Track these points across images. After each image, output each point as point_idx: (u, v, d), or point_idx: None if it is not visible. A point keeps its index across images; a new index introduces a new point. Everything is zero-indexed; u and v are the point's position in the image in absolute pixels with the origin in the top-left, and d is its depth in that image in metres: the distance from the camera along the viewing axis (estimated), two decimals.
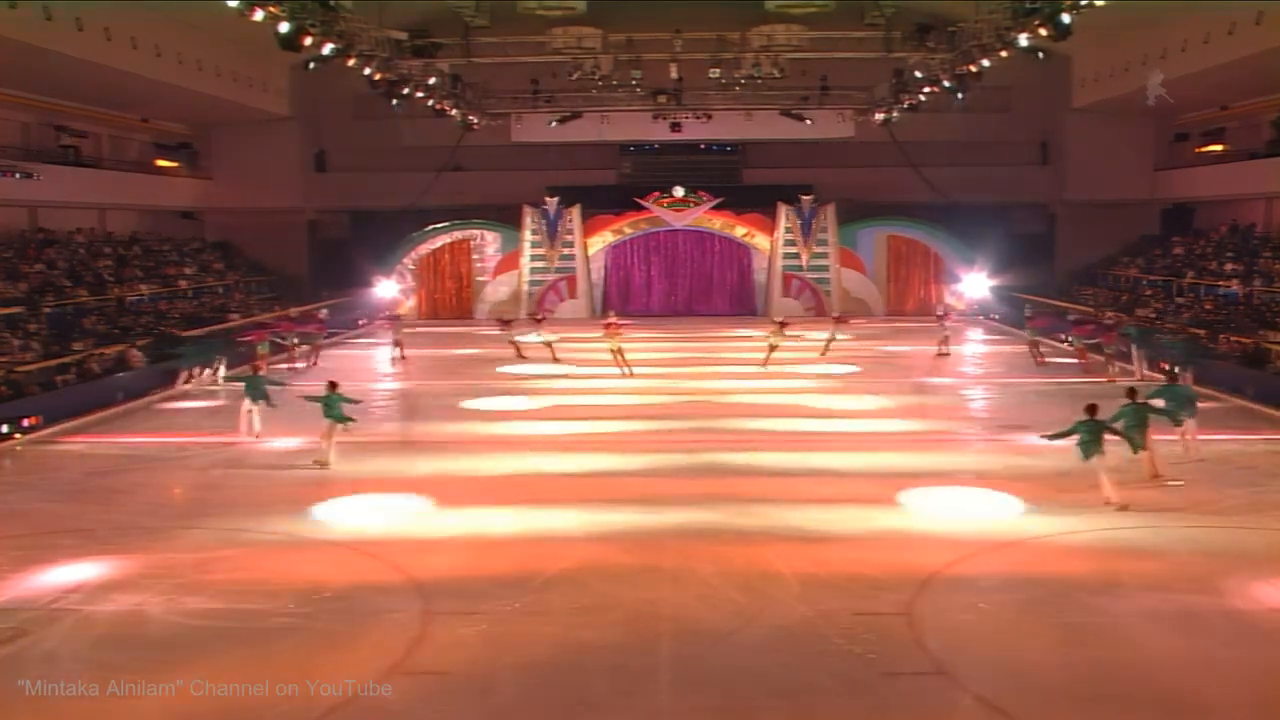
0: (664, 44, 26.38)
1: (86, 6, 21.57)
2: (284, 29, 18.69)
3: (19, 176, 24.85)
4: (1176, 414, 13.70)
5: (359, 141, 35.71)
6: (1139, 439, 12.55)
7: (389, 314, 29.27)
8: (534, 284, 35.14)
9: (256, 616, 8.86)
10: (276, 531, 11.27)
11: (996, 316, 31.61)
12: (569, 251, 35.07)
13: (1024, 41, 20.53)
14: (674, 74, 27.73)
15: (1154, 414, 13.06)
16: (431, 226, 35.44)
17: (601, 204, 35.59)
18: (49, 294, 23.89)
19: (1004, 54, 22.15)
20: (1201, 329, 23.50)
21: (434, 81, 26.83)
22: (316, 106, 34.80)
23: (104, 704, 7.35)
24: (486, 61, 28.02)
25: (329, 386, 14.77)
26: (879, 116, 30.81)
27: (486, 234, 35.75)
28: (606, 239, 35.66)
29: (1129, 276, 32.40)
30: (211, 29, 25.89)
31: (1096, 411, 12.14)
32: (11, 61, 22.06)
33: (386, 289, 34.03)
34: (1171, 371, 18.72)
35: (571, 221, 35.00)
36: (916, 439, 16.08)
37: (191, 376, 21.07)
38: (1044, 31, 19.49)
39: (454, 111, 29.79)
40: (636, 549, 10.58)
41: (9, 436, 16.04)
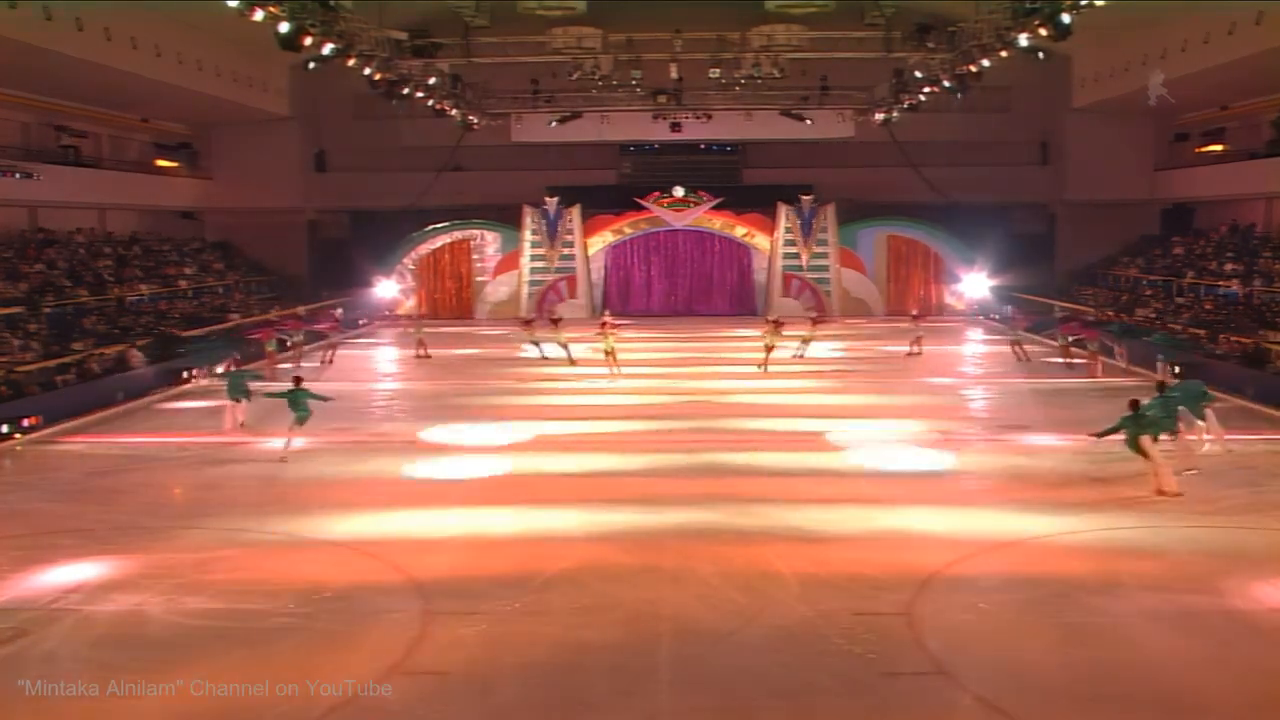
0: (664, 44, 26.39)
1: (86, 6, 21.56)
2: (284, 29, 18.72)
3: (19, 176, 24.84)
4: (1198, 407, 13.83)
5: (359, 141, 35.72)
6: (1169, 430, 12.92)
7: (413, 314, 29.32)
8: (534, 284, 35.15)
9: (256, 616, 8.86)
10: (276, 531, 11.26)
11: (997, 317, 31.62)
12: (569, 251, 35.07)
13: (1024, 41, 20.55)
14: (674, 74, 27.73)
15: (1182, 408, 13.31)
16: (431, 226, 35.47)
17: (601, 204, 35.60)
18: (49, 294, 23.89)
19: (1004, 54, 22.17)
20: (1201, 329, 23.49)
21: (434, 81, 26.83)
22: (316, 106, 34.80)
23: (104, 704, 7.35)
24: (486, 61, 28.02)
25: (294, 383, 14.81)
26: (879, 116, 30.81)
27: (486, 234, 35.76)
28: (606, 239, 35.67)
29: (1129, 276, 32.39)
30: (211, 29, 25.89)
31: (1139, 406, 12.22)
32: (11, 61, 22.05)
33: (386, 289, 34.06)
34: (1174, 371, 18.80)
35: (571, 221, 35.02)
36: (917, 439, 16.06)
37: (209, 372, 21.38)
38: (1044, 31, 19.50)
39: (454, 111, 29.79)
40: (636, 549, 10.57)
41: (9, 436, 16.04)
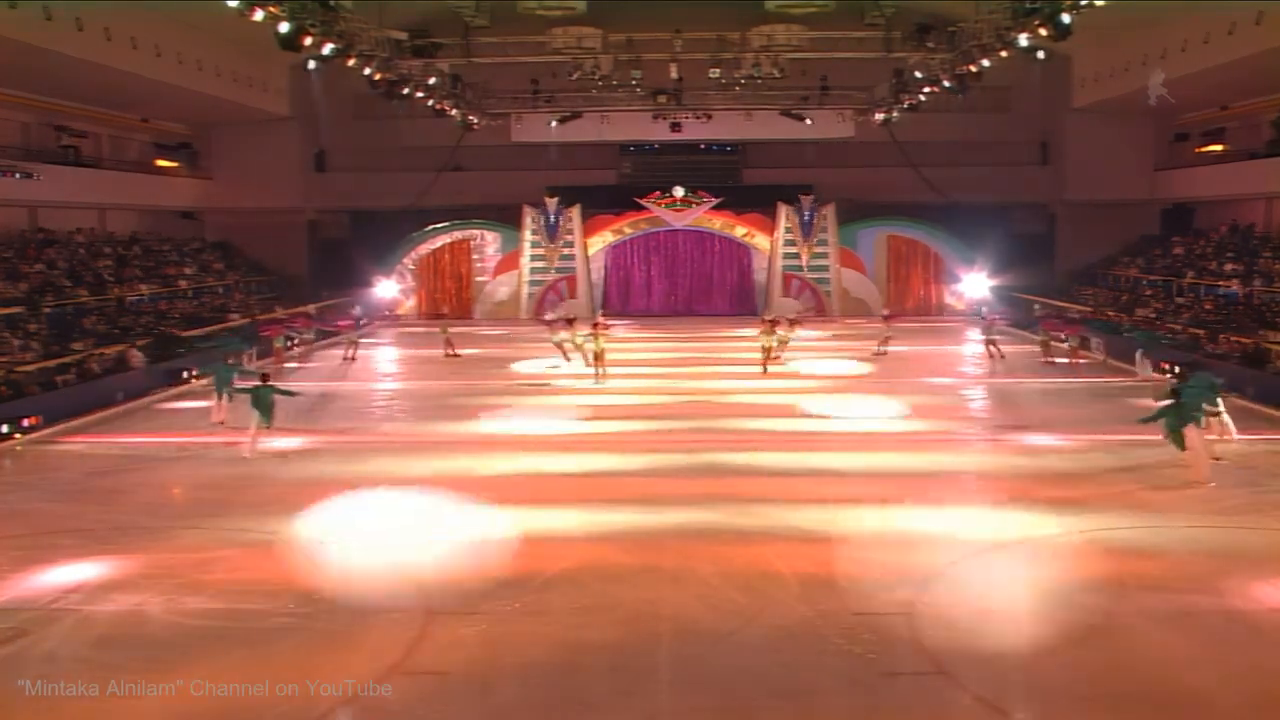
0: (664, 44, 26.39)
1: (86, 6, 21.56)
2: (284, 29, 18.72)
3: (19, 176, 24.83)
4: (1213, 400, 13.93)
5: (359, 141, 35.71)
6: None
7: (438, 313, 29.35)
8: (534, 284, 35.16)
9: (256, 616, 8.86)
10: (276, 531, 11.26)
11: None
12: (569, 251, 35.06)
13: (1024, 41, 20.56)
14: (674, 74, 27.73)
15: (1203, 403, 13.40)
16: (431, 226, 35.46)
17: (601, 204, 35.59)
18: (49, 294, 23.88)
19: (1004, 54, 22.17)
20: (1201, 329, 23.50)
21: (434, 81, 26.83)
22: (316, 106, 34.69)
23: (104, 704, 7.34)
24: (486, 61, 28.02)
25: (261, 379, 14.85)
26: (879, 116, 30.81)
27: (486, 234, 35.76)
28: (606, 239, 35.66)
29: (1129, 276, 32.37)
30: (211, 29, 25.88)
31: (1180, 396, 12.25)
32: (11, 61, 22.05)
33: (386, 289, 34.05)
34: (1175, 370, 18.88)
35: (571, 221, 35.01)
36: (916, 439, 16.08)
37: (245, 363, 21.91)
38: (1044, 31, 19.50)
39: (454, 111, 29.79)
40: (636, 549, 10.57)
41: (9, 436, 16.04)
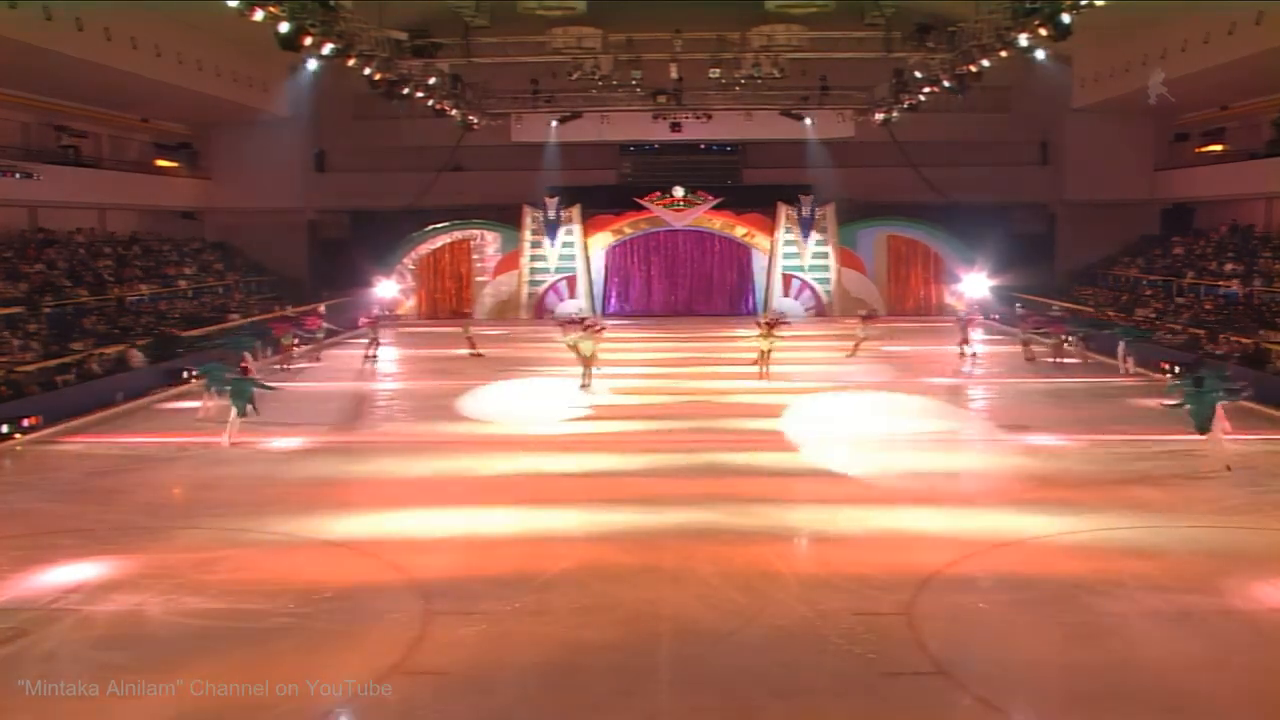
0: (664, 44, 26.38)
1: (86, 6, 21.54)
2: (284, 29, 18.70)
3: (19, 176, 24.81)
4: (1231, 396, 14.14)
5: (359, 141, 35.71)
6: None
7: (459, 313, 30.05)
8: (534, 284, 35.17)
9: (256, 616, 8.85)
10: (276, 531, 11.26)
11: (997, 317, 31.62)
12: (569, 251, 35.07)
13: (1024, 41, 20.54)
14: (674, 74, 27.72)
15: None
16: (431, 226, 35.44)
17: (601, 204, 35.58)
18: (49, 294, 23.86)
19: (1004, 54, 22.15)
20: (1201, 329, 23.50)
21: (434, 81, 26.81)
22: (316, 106, 34.75)
23: (104, 704, 7.35)
24: (486, 61, 28.00)
25: (241, 372, 14.88)
26: (879, 116, 30.79)
27: (486, 234, 35.74)
28: (606, 239, 35.64)
29: (1129, 276, 32.36)
30: (211, 29, 25.85)
31: (1204, 384, 12.32)
32: (11, 61, 22.03)
33: (386, 289, 34.04)
34: (1175, 370, 18.96)
35: (571, 221, 35.01)
36: (917, 439, 16.07)
37: (255, 357, 22.46)
38: (1044, 31, 19.48)
39: (454, 111, 29.77)
40: (636, 549, 10.57)
41: (9, 436, 16.03)
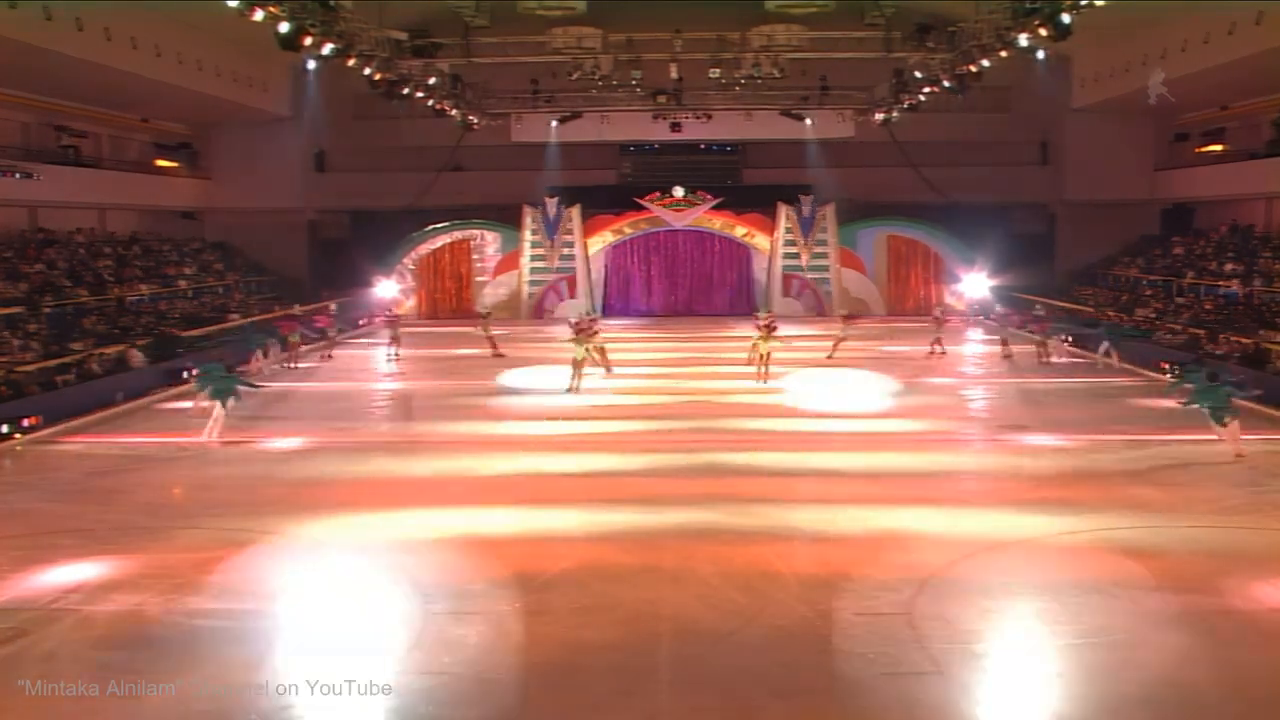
0: (664, 44, 26.39)
1: (86, 6, 21.54)
2: (284, 29, 18.72)
3: (19, 176, 24.82)
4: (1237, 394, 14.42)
5: (359, 141, 35.71)
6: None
7: (478, 312, 30.45)
8: (534, 284, 35.17)
9: (256, 616, 8.85)
10: (276, 531, 11.25)
11: (996, 316, 31.60)
12: (569, 251, 35.07)
13: (1024, 41, 20.56)
14: (674, 74, 27.73)
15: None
16: (431, 226, 35.46)
17: (601, 204, 35.59)
18: (49, 294, 23.87)
19: (1004, 54, 22.16)
20: (1201, 329, 23.51)
21: (434, 81, 26.83)
22: (316, 106, 34.75)
23: (104, 704, 7.33)
24: (486, 61, 28.02)
25: (227, 370, 14.94)
26: (879, 116, 30.81)
27: (486, 234, 35.76)
28: (606, 239, 35.65)
29: (1129, 276, 32.37)
30: (211, 29, 25.86)
31: (1218, 378, 12.45)
32: (11, 61, 22.03)
33: (386, 289, 34.06)
34: (1174, 370, 19.04)
35: (571, 221, 35.00)
36: (917, 439, 16.08)
37: (267, 354, 23.36)
38: (1044, 31, 19.49)
39: (454, 111, 29.78)
40: (636, 549, 10.56)
41: (9, 436, 16.02)
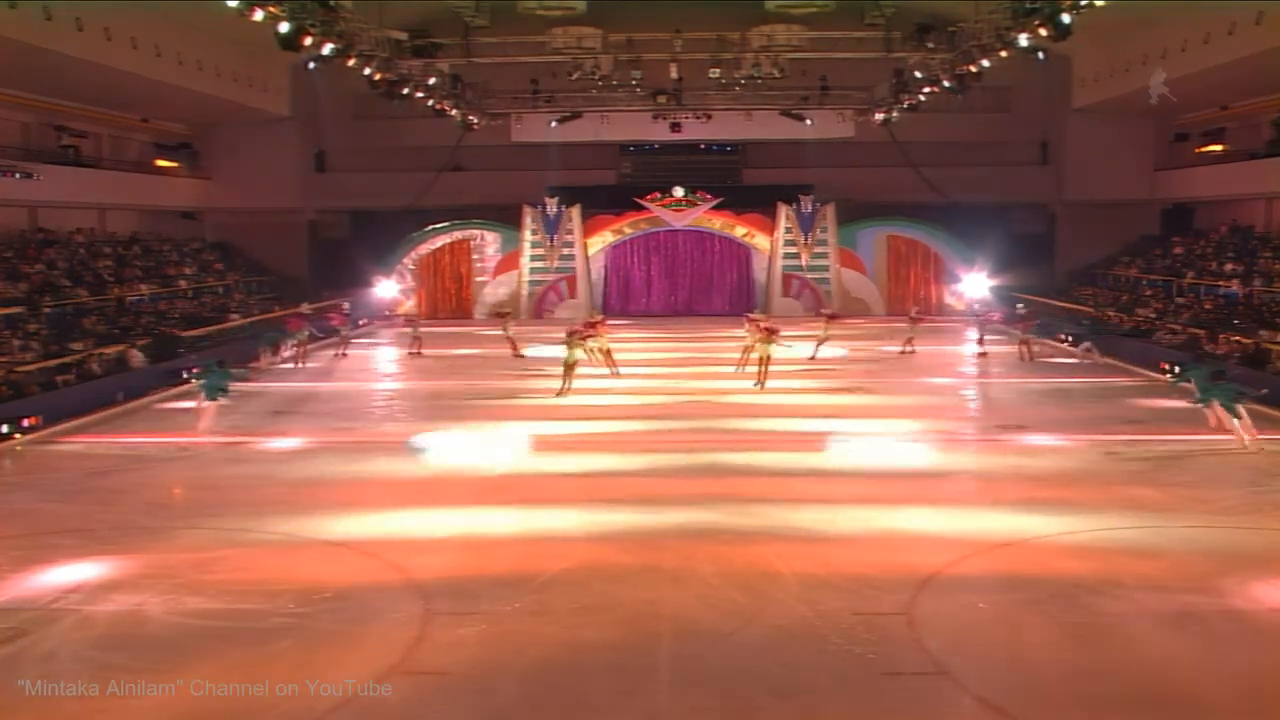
0: (664, 44, 26.38)
1: (86, 6, 21.54)
2: (284, 29, 18.71)
3: (19, 176, 24.82)
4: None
5: (359, 141, 35.73)
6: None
7: (496, 313, 30.45)
8: (534, 284, 35.18)
9: (256, 616, 8.85)
10: (276, 531, 11.26)
11: (996, 317, 31.61)
12: (569, 251, 35.08)
13: (1024, 41, 20.53)
14: (674, 74, 27.72)
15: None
16: (431, 226, 35.48)
17: (601, 204, 35.60)
18: (49, 294, 23.87)
19: (1004, 54, 22.16)
20: (1201, 329, 23.51)
21: (434, 81, 26.82)
22: (316, 106, 34.76)
23: (104, 704, 7.34)
24: (486, 61, 28.01)
25: (217, 364, 14.99)
26: (879, 116, 30.79)
27: (486, 234, 35.77)
28: (606, 239, 35.67)
29: (1129, 276, 32.36)
30: (211, 29, 25.86)
31: (1224, 376, 12.55)
32: (11, 61, 22.03)
33: (386, 289, 34.08)
34: (1174, 370, 19.06)
35: (571, 221, 35.01)
36: (916, 439, 16.07)
37: (277, 351, 23.95)
38: (1044, 31, 19.49)
39: (454, 111, 29.77)
40: (636, 549, 10.57)
41: (9, 436, 16.01)
